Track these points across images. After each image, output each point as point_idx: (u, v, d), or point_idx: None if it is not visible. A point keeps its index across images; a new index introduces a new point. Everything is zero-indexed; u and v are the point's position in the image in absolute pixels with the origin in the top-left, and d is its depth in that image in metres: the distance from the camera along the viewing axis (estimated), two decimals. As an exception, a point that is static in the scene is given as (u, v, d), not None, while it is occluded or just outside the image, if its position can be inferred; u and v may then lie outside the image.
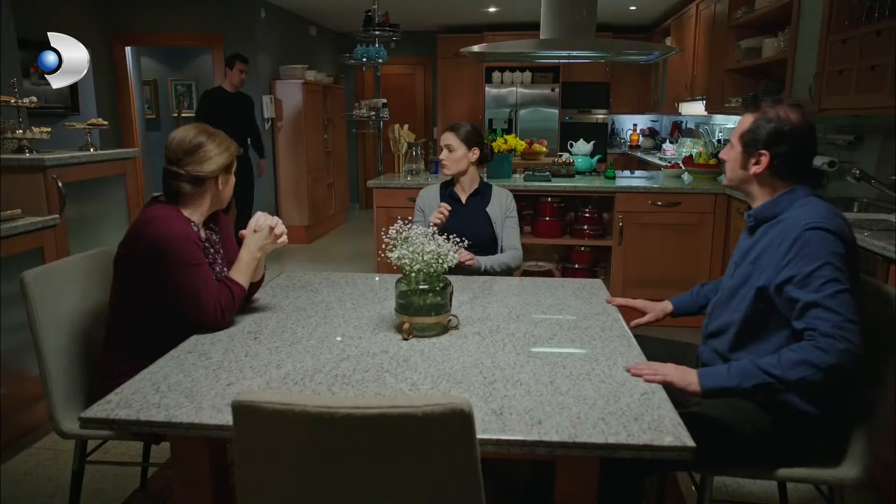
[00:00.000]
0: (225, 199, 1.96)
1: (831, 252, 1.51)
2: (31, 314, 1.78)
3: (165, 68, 9.25)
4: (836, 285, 1.48)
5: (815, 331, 1.46)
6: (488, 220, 2.76)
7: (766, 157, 1.67)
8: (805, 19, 3.53)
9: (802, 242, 1.54)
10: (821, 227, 1.54)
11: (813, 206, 1.63)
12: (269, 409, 1.01)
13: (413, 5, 6.82)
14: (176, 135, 1.88)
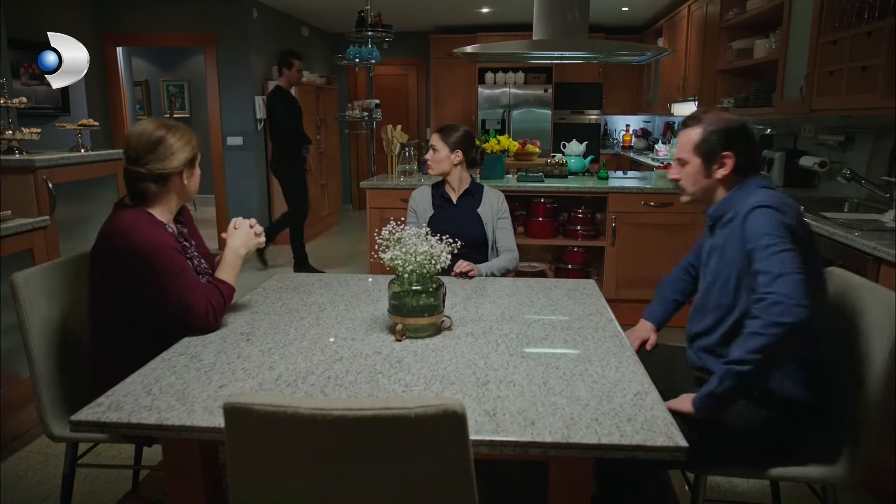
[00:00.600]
0: (191, 193, 1.91)
1: (772, 223, 1.59)
2: (21, 316, 1.77)
3: (157, 69, 9.22)
4: (775, 248, 1.55)
5: (759, 299, 1.52)
6: (479, 221, 2.75)
7: (730, 157, 1.75)
8: (796, 20, 3.55)
9: (749, 222, 1.64)
10: (764, 205, 1.63)
11: (761, 193, 1.70)
12: (262, 411, 1.00)
13: (406, 6, 6.81)
14: (134, 132, 1.81)
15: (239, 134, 6.50)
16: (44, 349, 1.80)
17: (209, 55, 6.39)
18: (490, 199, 2.79)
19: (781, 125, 4.43)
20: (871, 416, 1.54)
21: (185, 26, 6.39)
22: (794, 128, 4.19)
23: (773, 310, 1.47)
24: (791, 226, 1.60)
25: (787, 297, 1.47)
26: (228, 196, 6.62)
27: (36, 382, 1.78)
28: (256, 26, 6.50)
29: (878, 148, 3.26)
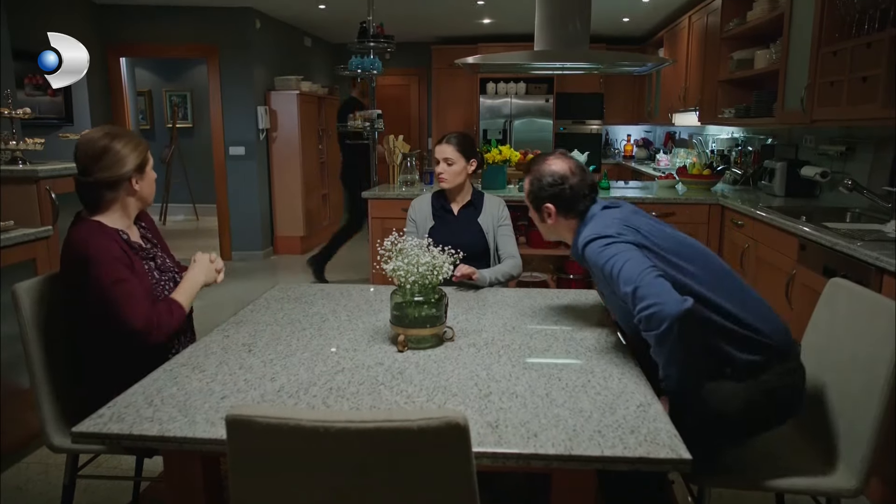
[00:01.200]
0: (148, 197, 1.93)
1: (599, 252, 1.68)
2: (23, 327, 1.77)
3: (160, 79, 9.26)
4: (616, 269, 1.61)
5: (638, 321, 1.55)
6: (480, 231, 2.72)
7: (550, 206, 1.88)
8: (796, 31, 3.56)
9: (587, 259, 1.74)
10: (586, 241, 1.74)
11: (589, 225, 1.81)
12: (264, 423, 1.00)
13: (408, 17, 6.85)
14: (80, 141, 1.84)
15: (241, 144, 6.52)
16: (45, 360, 1.80)
17: (212, 65, 6.43)
18: (490, 208, 2.76)
19: (783, 135, 4.44)
20: (877, 427, 1.54)
21: (189, 37, 6.43)
22: (796, 138, 4.20)
23: (653, 322, 1.50)
24: (617, 239, 1.67)
25: (654, 303, 1.50)
26: (230, 205, 6.64)
27: (37, 393, 1.78)
28: (259, 37, 6.54)
29: (879, 158, 3.26)
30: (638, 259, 1.61)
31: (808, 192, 3.87)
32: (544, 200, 1.88)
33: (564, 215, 1.88)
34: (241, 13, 6.31)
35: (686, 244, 1.76)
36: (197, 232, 8.42)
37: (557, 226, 1.91)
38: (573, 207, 1.87)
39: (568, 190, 1.86)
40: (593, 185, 1.91)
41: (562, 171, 1.87)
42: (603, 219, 1.80)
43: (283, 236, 6.96)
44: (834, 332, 1.77)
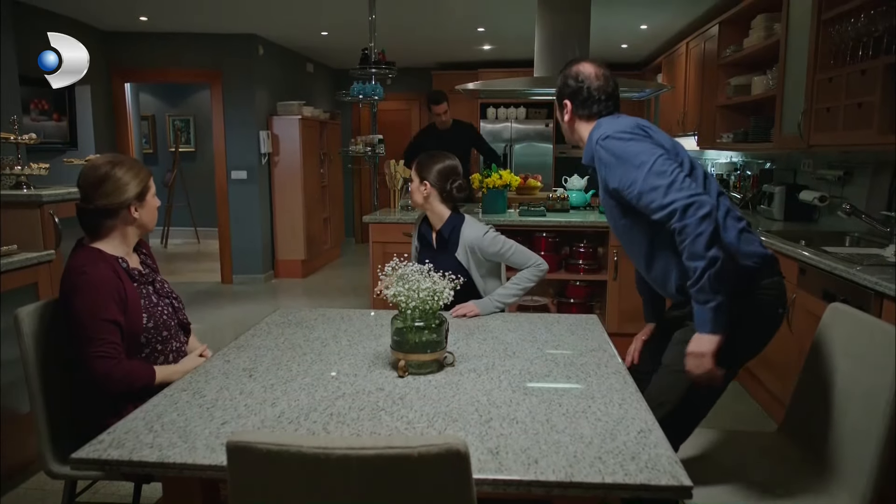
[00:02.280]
0: (148, 224, 1.95)
1: (620, 152, 1.76)
2: (24, 351, 1.77)
3: (163, 104, 9.37)
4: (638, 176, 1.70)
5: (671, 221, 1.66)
6: (458, 265, 2.51)
7: (567, 104, 1.97)
8: (792, 58, 3.61)
9: (601, 157, 1.82)
10: (603, 137, 1.80)
11: (603, 125, 1.88)
12: (264, 449, 1.00)
13: (409, 43, 6.95)
14: (84, 168, 1.88)
15: (243, 168, 6.57)
16: (45, 385, 1.80)
17: (215, 90, 6.50)
18: (466, 241, 2.50)
19: (781, 160, 4.47)
20: (879, 454, 1.53)
21: (193, 63, 6.52)
22: (794, 162, 4.23)
23: (691, 210, 1.62)
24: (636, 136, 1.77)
25: (694, 194, 1.63)
26: (232, 229, 6.66)
27: (36, 418, 1.78)
28: (262, 62, 6.63)
29: (876, 182, 3.29)
30: (667, 157, 1.72)
31: (807, 217, 3.89)
32: (564, 97, 1.98)
33: (580, 115, 1.96)
34: (245, 40, 6.41)
35: (696, 164, 1.85)
36: (198, 255, 8.45)
37: (573, 124, 1.99)
38: (588, 108, 1.94)
39: (586, 91, 1.93)
40: (615, 97, 1.98)
41: (586, 72, 1.95)
42: (619, 121, 1.87)
43: (284, 260, 6.98)
44: (835, 357, 1.77)
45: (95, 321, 1.75)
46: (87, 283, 1.75)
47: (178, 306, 2.04)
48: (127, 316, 1.82)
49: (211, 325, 4.93)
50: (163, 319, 1.92)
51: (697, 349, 1.68)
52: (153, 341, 1.90)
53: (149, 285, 1.95)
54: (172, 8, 5.39)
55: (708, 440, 1.95)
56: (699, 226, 1.61)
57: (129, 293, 1.84)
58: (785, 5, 3.65)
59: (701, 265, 1.62)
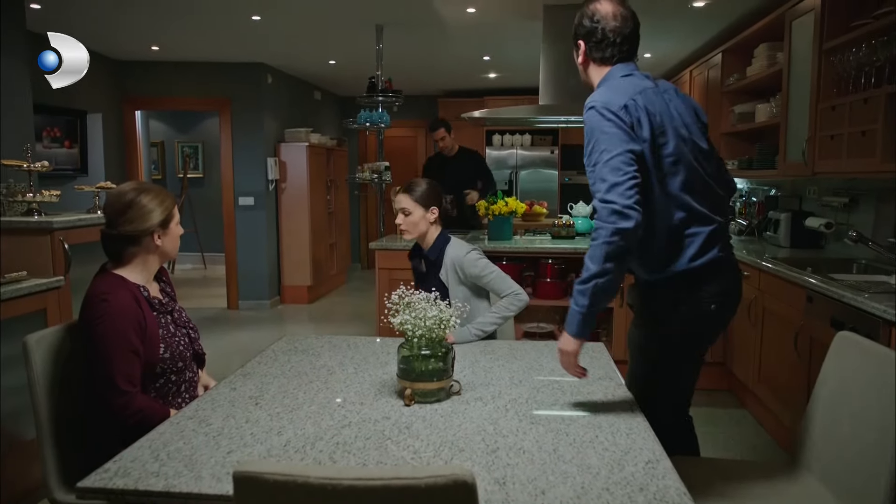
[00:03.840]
0: (169, 252, 1.95)
1: (596, 126, 1.74)
2: (32, 378, 1.78)
3: (173, 130, 9.49)
4: (598, 159, 1.72)
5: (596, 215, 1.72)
6: (443, 287, 2.47)
7: (581, 45, 1.91)
8: (795, 86, 3.64)
9: (585, 120, 1.79)
10: (591, 105, 1.77)
11: (605, 86, 1.85)
12: (271, 480, 1.00)
13: (416, 71, 7.05)
14: (110, 194, 1.91)
15: (251, 194, 6.63)
16: (52, 412, 1.80)
17: (224, 118, 6.59)
18: (449, 261, 2.48)
19: (786, 186, 4.48)
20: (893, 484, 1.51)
21: (203, 91, 6.63)
22: (799, 189, 4.24)
23: (611, 218, 1.66)
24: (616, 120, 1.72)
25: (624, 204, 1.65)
26: (239, 255, 6.70)
27: (42, 446, 1.77)
28: (270, 90, 6.72)
29: (882, 210, 3.29)
30: (630, 157, 1.70)
31: (814, 243, 3.88)
32: (578, 37, 1.91)
33: (593, 58, 1.90)
34: (254, 68, 6.51)
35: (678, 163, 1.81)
36: (205, 280, 8.48)
37: (587, 68, 1.93)
38: (601, 51, 1.87)
39: (601, 32, 1.86)
40: (633, 40, 1.89)
41: (603, 11, 1.87)
42: (619, 89, 1.80)
43: (291, 286, 7.00)
44: (844, 386, 1.76)
45: (115, 350, 1.75)
46: (108, 311, 1.76)
47: (195, 336, 2.04)
48: (145, 345, 1.82)
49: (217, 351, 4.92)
50: (179, 350, 1.92)
51: (563, 346, 1.76)
52: (168, 371, 1.89)
53: (167, 314, 1.95)
54: (183, 38, 5.50)
55: (717, 471, 1.93)
56: (610, 235, 1.66)
57: (149, 322, 1.84)
58: (787, 35, 3.69)
59: (593, 269, 1.69)
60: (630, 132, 1.74)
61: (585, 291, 1.69)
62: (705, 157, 1.91)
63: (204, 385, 2.07)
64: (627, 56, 1.90)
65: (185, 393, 1.95)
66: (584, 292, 1.70)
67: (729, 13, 4.65)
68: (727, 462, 1.98)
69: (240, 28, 5.07)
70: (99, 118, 5.95)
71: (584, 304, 1.70)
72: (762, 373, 3.47)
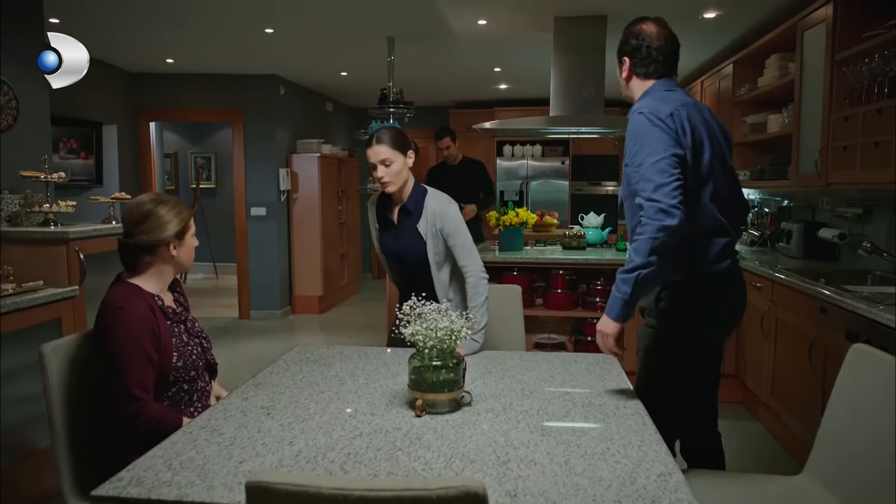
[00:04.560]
0: (183, 263, 1.97)
1: (643, 131, 1.88)
2: (48, 387, 1.80)
3: (186, 141, 9.59)
4: (644, 160, 1.85)
5: (641, 212, 1.83)
6: (419, 238, 2.37)
7: (626, 61, 2.08)
8: (807, 97, 3.63)
9: (629, 125, 1.94)
10: (640, 111, 1.92)
11: (650, 96, 2.00)
12: (283, 490, 1.01)
13: (427, 83, 7.09)
14: (128, 204, 1.94)
15: (263, 205, 6.68)
16: (67, 421, 1.82)
17: (237, 129, 6.66)
18: (430, 213, 2.37)
19: (799, 197, 4.46)
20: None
21: (216, 102, 6.70)
22: (812, 200, 4.21)
23: (657, 216, 1.79)
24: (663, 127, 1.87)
25: (669, 203, 1.79)
26: (251, 265, 6.74)
27: (56, 454, 1.79)
28: (283, 102, 6.78)
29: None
30: (675, 161, 1.84)
31: (827, 255, 3.85)
32: (623, 54, 2.09)
33: (637, 73, 2.07)
34: (267, 80, 6.58)
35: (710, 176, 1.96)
36: (216, 290, 8.53)
37: (629, 83, 2.10)
38: (645, 66, 2.05)
39: (645, 49, 2.04)
40: (674, 58, 2.08)
41: (648, 31, 2.05)
42: (664, 100, 1.96)
43: (302, 295, 7.02)
44: (860, 399, 1.74)
45: (129, 357, 1.77)
46: (123, 319, 1.79)
47: (207, 346, 2.06)
48: (159, 354, 1.84)
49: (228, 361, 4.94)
50: (192, 359, 1.94)
51: (602, 329, 1.94)
52: (181, 380, 1.91)
53: (181, 324, 1.97)
54: (198, 50, 5.57)
55: (730, 484, 1.91)
56: (656, 231, 1.79)
57: (163, 331, 1.87)
58: (798, 45, 3.68)
59: (637, 261, 1.82)
60: (676, 137, 1.89)
61: (629, 280, 1.84)
62: (728, 173, 2.06)
63: (216, 395, 2.08)
64: (669, 72, 2.07)
65: (198, 402, 1.97)
66: (627, 281, 1.85)
67: (740, 24, 4.65)
68: (740, 475, 1.97)
69: (253, 40, 5.13)
70: (114, 129, 6.04)
71: (626, 291, 1.85)
72: (775, 385, 3.44)
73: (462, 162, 5.44)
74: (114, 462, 1.57)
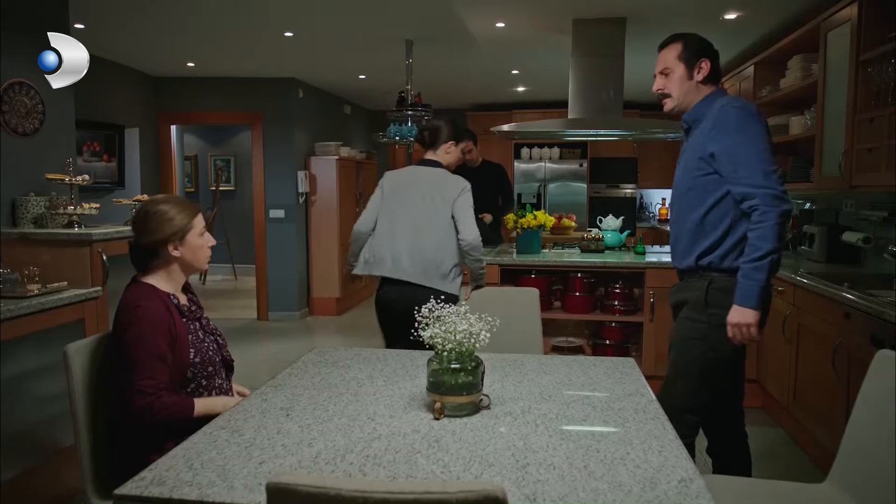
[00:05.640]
0: (192, 262, 1.96)
1: (742, 123, 2.00)
2: (71, 387, 1.82)
3: (206, 144, 9.70)
4: (749, 151, 1.97)
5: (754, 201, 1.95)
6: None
7: (706, 62, 2.18)
8: (830, 99, 3.58)
9: (719, 119, 2.04)
10: (734, 105, 2.05)
11: (725, 96, 2.19)
12: (304, 491, 1.01)
13: (445, 85, 7.10)
14: (136, 209, 1.95)
15: (281, 207, 6.73)
16: (91, 420, 1.84)
17: (256, 131, 6.72)
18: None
19: (821, 200, 4.39)
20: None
21: (236, 105, 6.77)
22: (835, 203, 4.15)
23: (775, 202, 1.91)
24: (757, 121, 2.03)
25: (781, 190, 1.94)
26: (269, 266, 6.79)
27: (80, 453, 1.81)
28: (301, 105, 6.83)
29: (923, 224, 3.20)
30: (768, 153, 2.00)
31: (851, 259, 3.79)
32: (703, 57, 2.19)
33: (711, 78, 2.20)
34: (286, 83, 6.63)
35: None
36: (235, 292, 8.60)
37: (699, 84, 2.20)
38: (718, 73, 2.22)
39: (714, 54, 2.20)
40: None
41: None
42: (738, 100, 2.15)
43: (320, 298, 7.06)
44: (885, 406, 1.71)
45: (144, 355, 1.79)
46: (140, 317, 1.81)
47: (222, 343, 2.09)
48: (175, 351, 1.86)
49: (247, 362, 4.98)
50: (209, 355, 1.97)
51: (743, 320, 1.99)
52: (199, 376, 1.93)
53: (196, 321, 2.00)
54: (218, 54, 5.63)
55: (752, 491, 1.89)
56: (780, 217, 1.91)
57: (179, 328, 1.89)
58: (822, 46, 3.64)
59: (767, 248, 1.92)
60: (767, 131, 2.05)
61: (762, 267, 1.94)
62: None
63: (238, 392, 2.09)
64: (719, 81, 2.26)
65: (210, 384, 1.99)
66: (760, 268, 1.94)
67: (761, 26, 4.60)
68: (762, 482, 1.94)
69: (272, 44, 5.18)
70: (136, 132, 6.12)
71: (761, 278, 1.95)
72: (798, 390, 3.39)
73: (482, 165, 5.42)
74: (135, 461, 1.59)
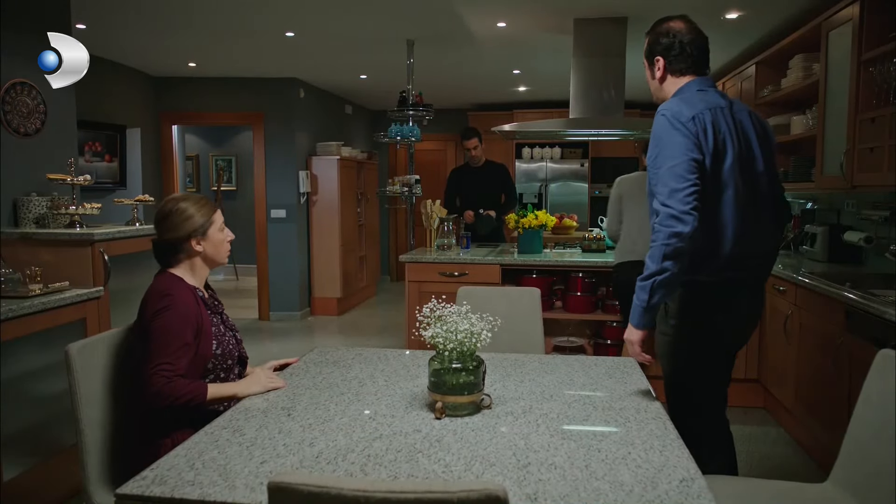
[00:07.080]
0: (214, 257, 2.02)
1: (664, 134, 1.90)
2: (73, 386, 1.82)
3: (207, 144, 9.70)
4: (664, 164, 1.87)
5: (655, 219, 1.87)
6: None
7: (659, 59, 2.07)
8: (832, 98, 3.58)
9: (653, 126, 1.96)
10: (663, 112, 1.94)
11: (678, 97, 2.00)
12: (305, 491, 1.01)
13: (446, 85, 7.10)
14: (159, 205, 2.01)
15: (282, 207, 6.73)
16: (91, 418, 1.84)
17: (257, 131, 6.72)
18: None
19: (823, 200, 4.39)
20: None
21: (237, 105, 6.77)
22: (837, 202, 4.15)
23: (668, 221, 1.82)
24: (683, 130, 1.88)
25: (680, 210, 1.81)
26: (270, 266, 6.79)
27: (83, 453, 1.81)
28: (302, 105, 6.83)
29: (925, 224, 3.20)
30: (694, 166, 1.86)
31: (853, 258, 3.79)
32: (656, 55, 2.08)
33: (673, 70, 2.06)
34: (287, 83, 6.63)
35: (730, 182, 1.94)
36: (236, 292, 8.61)
37: (663, 83, 2.09)
38: (683, 61, 2.04)
39: (678, 45, 2.03)
40: (705, 54, 2.06)
41: (677, 27, 2.05)
42: (690, 102, 1.95)
43: (321, 297, 7.06)
44: (887, 405, 1.71)
45: (171, 341, 1.82)
46: (172, 303, 1.85)
47: (239, 338, 2.12)
48: (200, 342, 1.89)
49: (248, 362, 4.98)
50: (229, 349, 2.01)
51: (627, 336, 1.99)
52: (218, 368, 1.96)
53: (218, 315, 2.05)
54: (219, 54, 5.63)
55: (754, 491, 1.89)
56: (667, 238, 1.83)
57: (205, 320, 1.93)
58: (823, 46, 3.63)
59: (652, 268, 1.86)
60: (696, 141, 1.88)
61: (645, 287, 1.88)
62: (758, 179, 2.02)
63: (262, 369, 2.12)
64: (702, 68, 2.06)
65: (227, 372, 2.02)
66: (644, 288, 1.88)
67: (762, 25, 4.59)
68: (763, 482, 1.94)
69: (273, 44, 5.18)
70: (137, 133, 6.13)
71: (644, 298, 1.89)
72: (799, 390, 3.38)
73: (485, 164, 5.42)
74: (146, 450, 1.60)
